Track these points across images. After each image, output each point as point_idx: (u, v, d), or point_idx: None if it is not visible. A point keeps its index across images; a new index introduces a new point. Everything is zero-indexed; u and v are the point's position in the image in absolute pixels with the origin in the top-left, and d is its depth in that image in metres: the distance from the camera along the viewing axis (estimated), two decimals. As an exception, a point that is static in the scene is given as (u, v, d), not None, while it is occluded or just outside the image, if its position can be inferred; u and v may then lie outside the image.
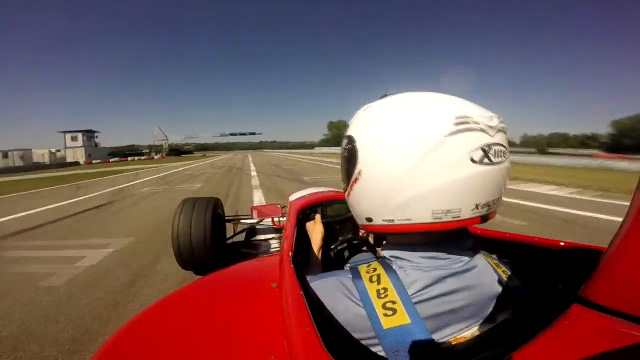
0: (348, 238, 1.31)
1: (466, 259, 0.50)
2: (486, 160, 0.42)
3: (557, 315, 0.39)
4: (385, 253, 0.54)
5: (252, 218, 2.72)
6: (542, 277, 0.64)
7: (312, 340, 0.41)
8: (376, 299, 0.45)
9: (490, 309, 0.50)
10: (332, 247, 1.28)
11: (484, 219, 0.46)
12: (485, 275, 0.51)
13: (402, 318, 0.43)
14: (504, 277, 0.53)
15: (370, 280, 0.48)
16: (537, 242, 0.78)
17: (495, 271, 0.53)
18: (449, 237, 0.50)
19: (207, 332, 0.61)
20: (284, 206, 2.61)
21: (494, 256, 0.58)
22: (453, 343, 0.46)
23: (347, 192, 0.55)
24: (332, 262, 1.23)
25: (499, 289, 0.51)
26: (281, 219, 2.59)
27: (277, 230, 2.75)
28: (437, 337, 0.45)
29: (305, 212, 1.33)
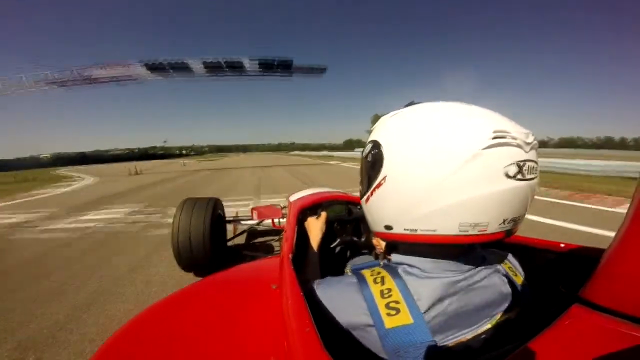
0: (348, 240, 1.31)
1: (475, 265, 0.50)
2: (519, 176, 0.41)
3: (558, 315, 0.39)
4: (395, 259, 0.54)
5: (252, 219, 2.73)
6: (543, 278, 0.64)
7: (311, 341, 0.41)
8: (380, 299, 0.46)
9: (496, 311, 0.50)
10: (332, 245, 1.28)
11: (508, 233, 0.45)
12: (492, 277, 0.51)
13: (405, 318, 0.43)
14: (513, 277, 0.53)
15: (375, 281, 0.48)
16: (537, 243, 0.78)
17: (505, 272, 0.53)
18: (461, 248, 0.50)
19: (207, 332, 0.61)
20: (284, 207, 2.61)
21: (508, 255, 0.58)
22: (455, 343, 0.46)
23: (365, 198, 0.53)
24: (331, 261, 1.24)
25: (506, 290, 0.51)
26: (281, 220, 2.60)
27: (278, 231, 2.75)
28: (440, 337, 0.45)
29: (306, 213, 1.33)
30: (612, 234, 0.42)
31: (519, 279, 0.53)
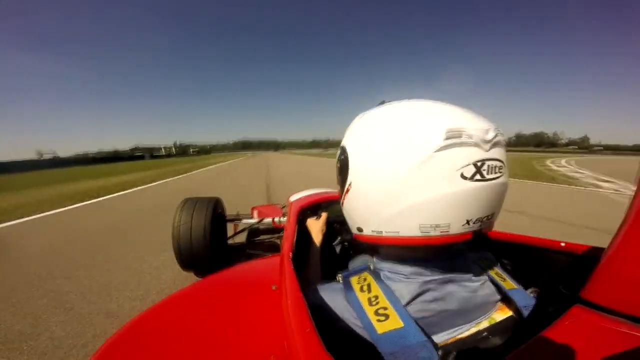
0: (348, 239, 1.31)
1: (461, 272, 0.50)
2: (478, 176, 0.40)
3: (558, 315, 0.39)
4: (377, 264, 0.56)
5: (252, 218, 2.74)
6: (543, 278, 0.64)
7: (312, 341, 0.41)
8: (368, 307, 0.46)
9: (484, 311, 0.50)
10: (334, 244, 1.28)
11: (476, 235, 0.44)
12: (477, 279, 0.51)
13: (395, 322, 0.44)
14: (498, 280, 0.53)
15: (361, 289, 0.49)
16: (537, 242, 0.78)
17: (489, 275, 0.54)
18: (439, 253, 0.50)
19: (207, 333, 0.61)
20: (284, 206, 2.62)
21: (494, 260, 0.59)
22: (450, 342, 0.47)
23: (341, 201, 0.56)
24: (333, 261, 1.24)
25: (492, 292, 0.52)
26: (281, 219, 2.60)
27: (278, 230, 2.76)
28: (434, 337, 0.46)
29: (306, 213, 1.33)
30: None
31: (508, 284, 0.53)
